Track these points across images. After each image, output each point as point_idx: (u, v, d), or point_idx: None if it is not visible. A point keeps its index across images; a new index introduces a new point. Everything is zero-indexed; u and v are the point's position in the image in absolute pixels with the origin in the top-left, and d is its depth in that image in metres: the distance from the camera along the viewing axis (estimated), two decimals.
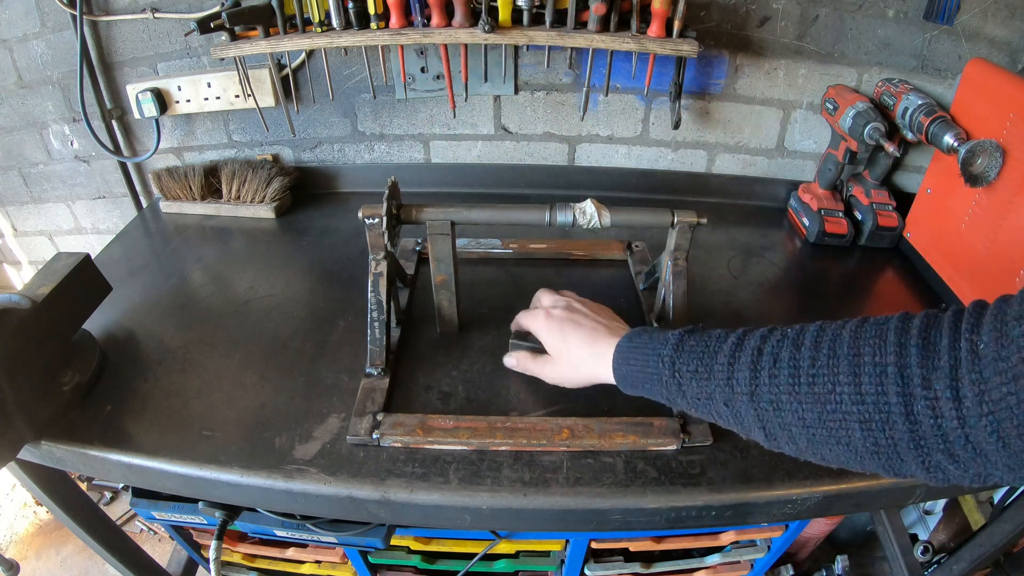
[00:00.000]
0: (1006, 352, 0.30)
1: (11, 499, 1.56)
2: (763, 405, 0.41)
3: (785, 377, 0.40)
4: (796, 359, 0.40)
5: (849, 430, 0.37)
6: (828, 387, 0.38)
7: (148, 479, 0.60)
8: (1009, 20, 0.87)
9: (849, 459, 0.39)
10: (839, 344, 0.38)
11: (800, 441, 0.40)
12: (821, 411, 0.38)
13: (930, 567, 1.05)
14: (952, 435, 0.33)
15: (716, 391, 0.44)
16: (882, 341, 0.36)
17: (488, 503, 0.54)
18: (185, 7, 0.92)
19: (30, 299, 0.56)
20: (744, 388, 0.42)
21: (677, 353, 0.47)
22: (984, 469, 0.33)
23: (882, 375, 0.35)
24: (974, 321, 0.33)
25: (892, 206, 0.94)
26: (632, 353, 0.51)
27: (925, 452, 0.34)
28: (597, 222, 0.63)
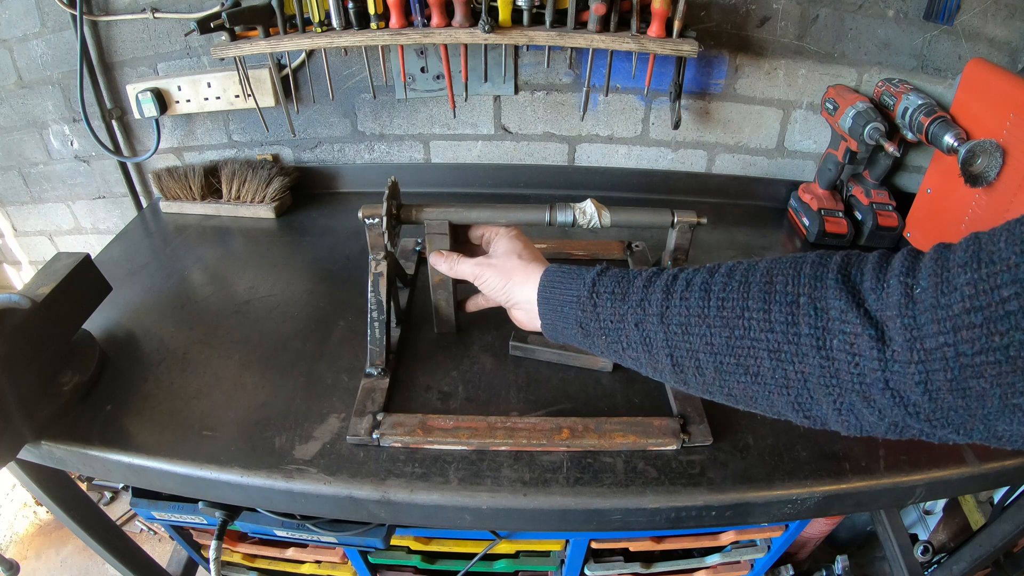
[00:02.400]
0: (946, 300, 0.28)
1: (11, 499, 1.56)
2: (672, 328, 0.40)
3: (696, 300, 0.39)
4: (708, 284, 0.39)
5: (757, 359, 0.36)
6: (737, 310, 0.37)
7: (148, 479, 0.60)
8: (1009, 20, 0.87)
9: (758, 394, 0.37)
10: (753, 272, 0.38)
11: (707, 370, 0.39)
12: (729, 335, 0.37)
13: (930, 567, 1.05)
14: (870, 376, 0.31)
15: (628, 312, 0.43)
16: (796, 272, 0.36)
17: (488, 503, 0.54)
18: (185, 7, 0.92)
19: (30, 299, 0.56)
20: (655, 309, 0.41)
21: (599, 277, 0.47)
22: (903, 419, 0.32)
23: (793, 304, 0.34)
24: (908, 265, 0.32)
25: (892, 206, 0.94)
26: (559, 276, 0.51)
27: (838, 391, 0.33)
28: (597, 222, 0.63)
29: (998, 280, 0.27)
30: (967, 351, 0.28)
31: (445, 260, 0.62)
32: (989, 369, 0.27)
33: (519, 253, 0.57)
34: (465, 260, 0.60)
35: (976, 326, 0.27)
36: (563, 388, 0.65)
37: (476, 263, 0.59)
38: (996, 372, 0.27)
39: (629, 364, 0.46)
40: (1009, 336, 0.26)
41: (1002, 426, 0.29)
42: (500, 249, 0.58)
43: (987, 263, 0.27)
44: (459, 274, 0.61)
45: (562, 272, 0.51)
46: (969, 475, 0.57)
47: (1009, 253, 0.27)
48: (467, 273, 0.60)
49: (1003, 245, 0.27)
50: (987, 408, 0.28)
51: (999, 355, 0.27)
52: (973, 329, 0.27)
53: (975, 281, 0.27)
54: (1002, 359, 0.27)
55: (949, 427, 0.31)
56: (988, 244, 0.28)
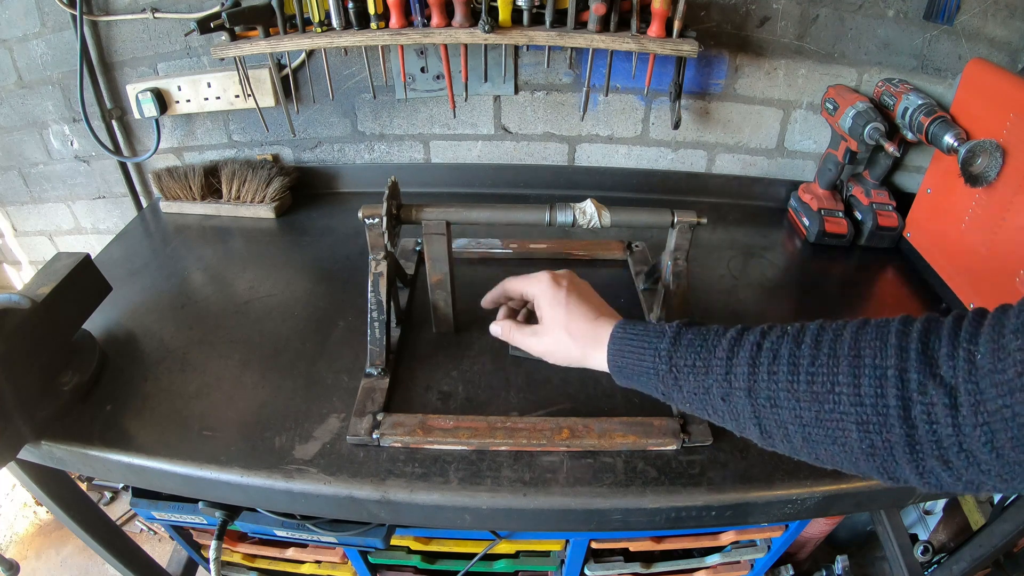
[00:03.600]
0: (1002, 365, 0.30)
1: (11, 499, 1.56)
2: (760, 401, 0.41)
3: (784, 374, 0.39)
4: (796, 356, 0.39)
5: (846, 431, 0.37)
6: (827, 386, 0.37)
7: (148, 479, 0.60)
8: (1009, 20, 0.87)
9: (844, 460, 0.39)
10: (840, 344, 0.38)
11: (795, 439, 0.40)
12: (819, 410, 0.38)
13: (930, 567, 1.05)
14: (947, 442, 0.33)
15: (713, 385, 0.43)
16: (883, 344, 0.36)
17: (488, 503, 0.54)
18: (185, 7, 0.92)
19: (30, 299, 0.56)
20: (742, 384, 0.41)
21: (674, 347, 0.46)
22: (977, 477, 0.33)
23: (882, 378, 0.35)
24: (973, 331, 0.33)
25: (892, 206, 0.94)
26: (628, 344, 0.50)
27: (920, 457, 0.34)
28: (597, 222, 0.63)
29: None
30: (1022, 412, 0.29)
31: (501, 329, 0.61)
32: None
33: (566, 326, 0.54)
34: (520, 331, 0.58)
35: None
36: (563, 388, 0.65)
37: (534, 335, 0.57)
38: None
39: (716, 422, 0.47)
40: None
41: None
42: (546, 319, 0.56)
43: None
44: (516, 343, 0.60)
45: (631, 340, 0.50)
46: None
47: None
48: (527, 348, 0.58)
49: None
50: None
51: None
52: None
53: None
54: None
55: (1018, 480, 0.32)
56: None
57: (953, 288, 0.83)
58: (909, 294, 0.87)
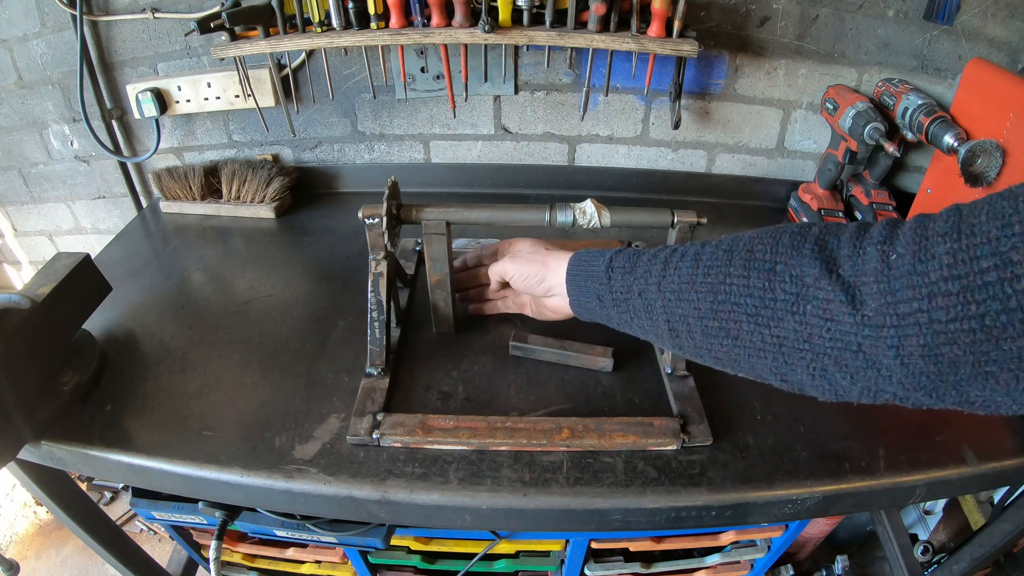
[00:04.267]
0: (923, 267, 0.29)
1: (11, 499, 1.56)
2: (667, 295, 0.44)
3: (687, 268, 0.43)
4: (699, 254, 0.43)
5: (737, 322, 0.38)
6: (720, 276, 0.39)
7: (148, 479, 0.60)
8: (1009, 20, 0.87)
9: (740, 357, 0.39)
10: (737, 243, 0.40)
11: (696, 333, 0.42)
12: (713, 300, 0.40)
13: (930, 567, 1.05)
14: (843, 340, 0.32)
15: (634, 283, 0.48)
16: (775, 242, 0.37)
17: (488, 503, 0.54)
18: (185, 7, 0.92)
19: (30, 299, 0.56)
20: (655, 279, 0.45)
21: (617, 254, 0.52)
22: (875, 383, 0.32)
23: (771, 272, 0.36)
24: (887, 233, 0.33)
25: (892, 206, 0.94)
26: (586, 256, 0.56)
27: (811, 355, 0.34)
28: (597, 222, 0.63)
29: (978, 252, 0.27)
30: (941, 318, 0.28)
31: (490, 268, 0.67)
32: (963, 337, 0.28)
33: (544, 245, 0.63)
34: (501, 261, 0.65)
35: (952, 294, 0.28)
36: (563, 388, 0.65)
37: (510, 258, 0.63)
38: (970, 340, 0.28)
39: (638, 333, 0.50)
40: (985, 305, 0.27)
41: (975, 392, 0.30)
42: (525, 247, 0.64)
43: (967, 235, 0.28)
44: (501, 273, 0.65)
45: (588, 253, 0.56)
46: (969, 475, 0.57)
47: (990, 227, 0.27)
48: (500, 271, 0.64)
49: (984, 218, 0.28)
50: (960, 375, 0.29)
51: (974, 323, 0.27)
52: (949, 297, 0.28)
53: (954, 251, 0.28)
54: (976, 327, 0.27)
55: (921, 391, 0.31)
56: (969, 216, 0.29)
57: None
58: None
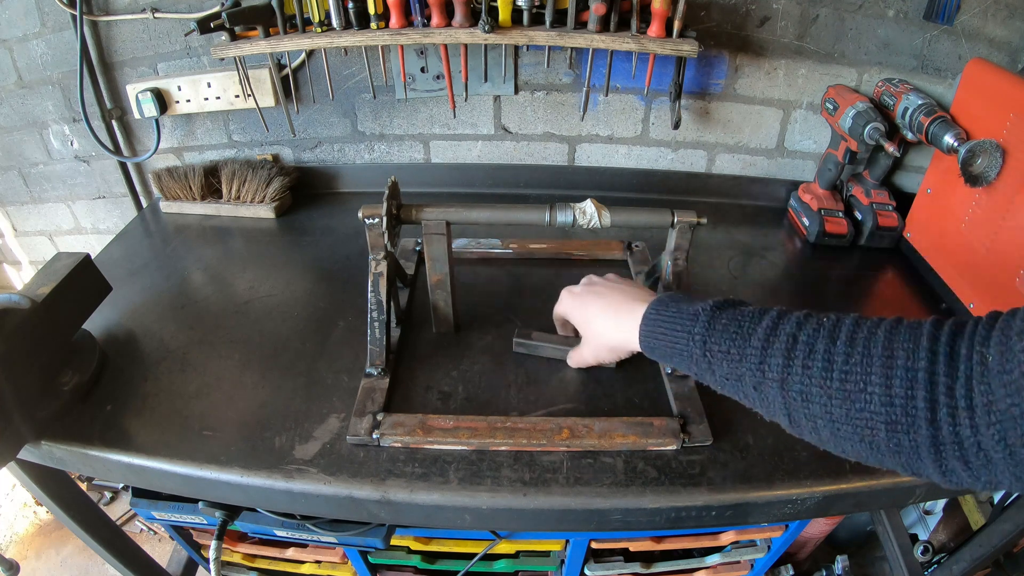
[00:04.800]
0: (1010, 365, 0.31)
1: (11, 499, 1.56)
2: (792, 395, 0.41)
3: (818, 370, 0.40)
4: (831, 353, 0.40)
5: (874, 430, 0.37)
6: (859, 385, 0.38)
7: (148, 479, 0.60)
8: (1009, 20, 0.87)
9: (870, 456, 0.39)
10: (874, 343, 0.39)
11: (823, 433, 0.41)
12: (849, 408, 0.38)
13: (930, 567, 1.05)
14: (966, 442, 0.34)
15: (746, 374, 0.44)
16: (916, 346, 0.37)
17: (488, 503, 0.54)
18: (185, 7, 0.92)
19: (30, 299, 0.56)
20: (775, 375, 0.42)
21: (708, 332, 0.46)
22: (993, 476, 0.34)
23: (913, 380, 0.36)
24: (985, 333, 0.34)
25: (892, 206, 0.94)
26: (660, 326, 0.51)
27: (943, 457, 0.35)
28: (597, 222, 0.63)
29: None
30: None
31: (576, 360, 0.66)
32: None
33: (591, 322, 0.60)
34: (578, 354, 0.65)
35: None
36: (563, 388, 0.65)
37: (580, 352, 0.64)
38: None
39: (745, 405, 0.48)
40: None
41: None
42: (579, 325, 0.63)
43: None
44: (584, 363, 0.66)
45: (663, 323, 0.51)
46: None
47: None
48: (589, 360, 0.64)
49: None
50: None
51: None
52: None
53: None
54: None
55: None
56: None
57: (953, 288, 0.83)
58: (909, 294, 0.87)
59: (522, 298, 0.79)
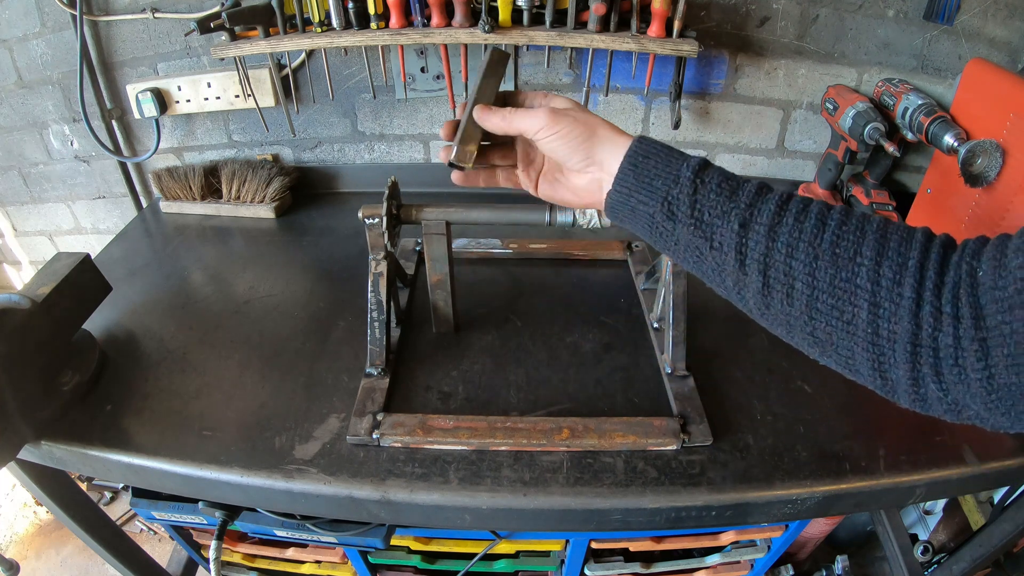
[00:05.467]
0: (1003, 282, 0.31)
1: (11, 499, 1.56)
2: (778, 244, 0.37)
3: (811, 225, 0.37)
4: (825, 215, 0.38)
5: (856, 307, 0.35)
6: (850, 252, 0.36)
7: (148, 479, 0.60)
8: (1009, 20, 0.87)
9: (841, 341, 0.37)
10: (869, 223, 0.37)
11: (798, 301, 0.37)
12: (835, 275, 0.36)
13: (930, 567, 1.05)
14: (944, 351, 0.33)
15: (734, 210, 0.39)
16: (910, 236, 0.36)
17: (488, 503, 0.54)
18: (185, 7, 0.92)
19: (30, 299, 0.56)
20: (765, 219, 0.38)
21: (704, 165, 0.42)
22: (963, 397, 0.33)
23: (903, 265, 0.35)
24: (975, 248, 0.34)
25: (892, 206, 0.94)
26: (656, 147, 0.44)
27: (918, 359, 0.34)
28: (597, 222, 0.63)
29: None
30: (1020, 329, 0.29)
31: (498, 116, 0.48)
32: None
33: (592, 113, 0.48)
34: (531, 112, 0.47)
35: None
36: (563, 388, 0.65)
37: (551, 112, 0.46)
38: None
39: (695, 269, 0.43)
40: None
41: None
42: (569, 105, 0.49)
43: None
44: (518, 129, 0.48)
45: (660, 146, 0.44)
46: (969, 475, 0.57)
47: None
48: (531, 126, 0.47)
49: None
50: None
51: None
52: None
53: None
54: None
55: (1002, 409, 0.32)
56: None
57: None
58: None
59: (522, 298, 0.79)
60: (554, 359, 0.69)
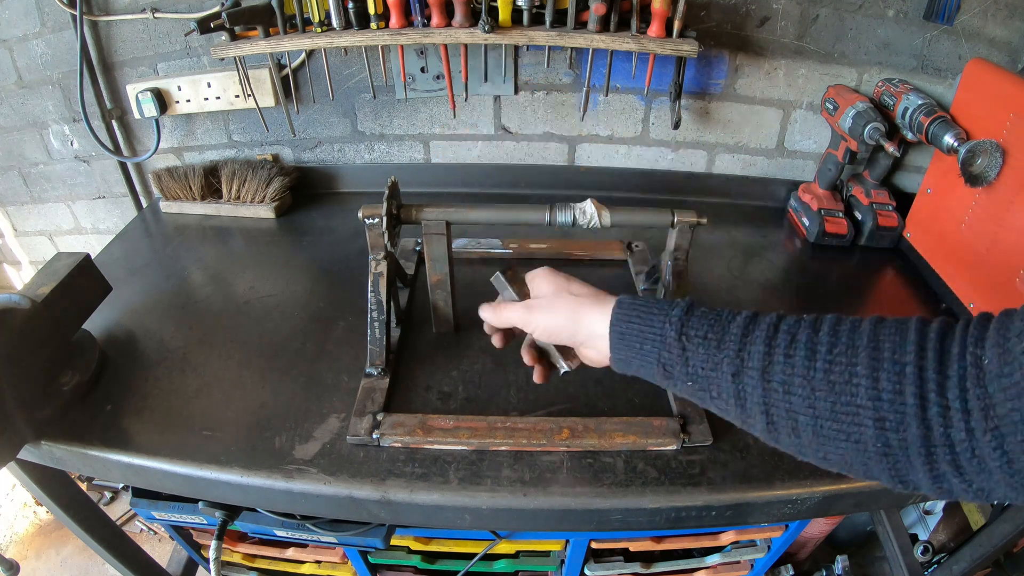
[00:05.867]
0: (1008, 369, 0.30)
1: (11, 499, 1.56)
2: (773, 385, 0.38)
3: (801, 359, 0.37)
4: (814, 343, 0.38)
5: (861, 426, 0.35)
6: (845, 376, 0.36)
7: (148, 479, 0.60)
8: (1009, 20, 0.87)
9: (854, 459, 0.37)
10: (859, 335, 0.37)
11: (805, 433, 0.38)
12: (835, 402, 0.36)
13: (930, 567, 1.05)
14: (960, 446, 0.32)
15: (724, 360, 0.40)
16: (903, 339, 0.35)
17: (488, 503, 0.54)
18: (185, 7, 0.92)
19: (30, 299, 0.56)
20: (756, 363, 0.39)
21: (687, 315, 0.43)
22: (987, 484, 0.32)
23: (901, 374, 0.34)
24: (978, 334, 0.33)
25: (892, 206, 0.94)
26: (635, 310, 0.46)
27: (934, 460, 0.33)
28: (597, 222, 0.63)
29: None
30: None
31: (491, 311, 0.54)
32: None
33: (567, 288, 0.51)
34: (511, 306, 0.53)
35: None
36: (563, 388, 0.65)
37: (525, 307, 0.51)
38: None
39: (711, 409, 0.44)
40: None
41: None
42: (545, 288, 0.53)
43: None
44: (508, 322, 0.53)
45: (640, 305, 0.46)
46: None
47: None
48: (517, 320, 0.52)
49: None
50: None
51: None
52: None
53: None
54: None
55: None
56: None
57: (953, 288, 0.83)
58: (909, 294, 0.87)
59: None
60: None
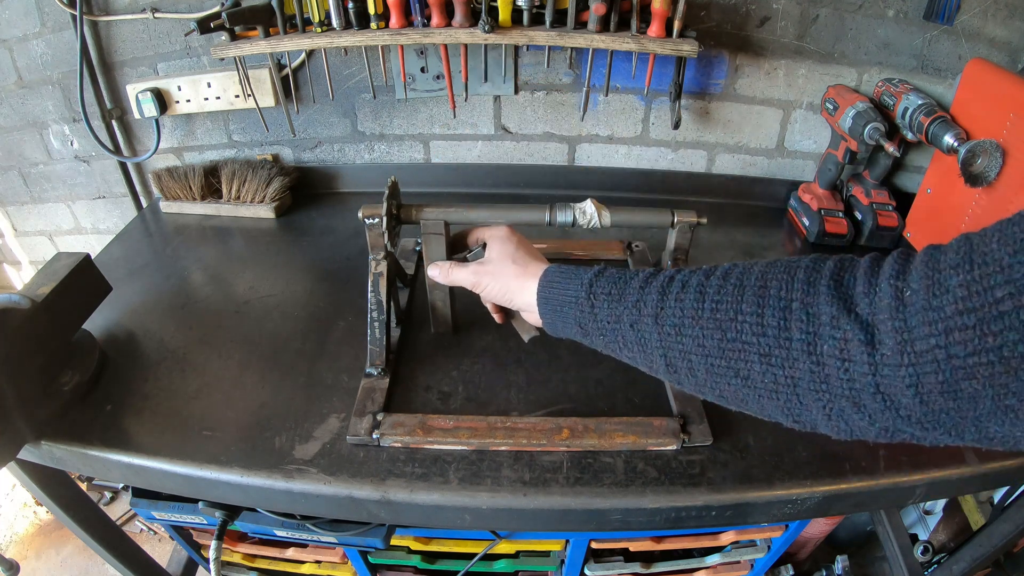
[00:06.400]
0: (938, 302, 0.28)
1: (11, 499, 1.56)
2: (666, 328, 0.41)
3: (690, 301, 0.40)
4: (704, 286, 0.40)
5: (748, 362, 0.36)
6: (730, 314, 0.37)
7: (148, 479, 0.60)
8: (1009, 20, 0.87)
9: (748, 396, 0.38)
10: (748, 276, 0.38)
11: (699, 371, 0.39)
12: (721, 338, 0.37)
13: (930, 567, 1.05)
14: (860, 381, 0.31)
15: (624, 313, 0.44)
16: (790, 278, 0.36)
17: (488, 503, 0.54)
18: (185, 7, 0.92)
19: (30, 299, 0.56)
20: (650, 310, 0.42)
21: (596, 277, 0.48)
22: (893, 423, 0.32)
23: (786, 309, 0.35)
24: (900, 268, 0.32)
25: (892, 206, 0.94)
26: (557, 277, 0.51)
27: (828, 396, 0.33)
28: (597, 222, 0.63)
29: (991, 281, 0.26)
30: (959, 353, 0.27)
31: (439, 269, 0.61)
32: (982, 370, 0.27)
33: (512, 256, 0.56)
34: (460, 267, 0.59)
35: (969, 328, 0.27)
36: (563, 388, 0.65)
37: (472, 271, 0.58)
38: (989, 373, 0.27)
39: (627, 361, 0.47)
40: (1003, 336, 0.26)
41: (994, 427, 0.29)
42: (493, 254, 0.58)
43: (980, 264, 0.27)
44: (455, 282, 0.60)
45: (560, 273, 0.51)
46: (969, 475, 0.57)
47: (1002, 254, 0.27)
48: (464, 281, 0.59)
49: (996, 246, 0.27)
50: (979, 410, 0.28)
51: (992, 356, 0.26)
52: (966, 331, 0.27)
53: (967, 283, 0.27)
54: (995, 360, 0.26)
55: (940, 429, 0.31)
56: (980, 245, 0.28)
57: None
58: None
59: None
60: (554, 359, 0.69)
